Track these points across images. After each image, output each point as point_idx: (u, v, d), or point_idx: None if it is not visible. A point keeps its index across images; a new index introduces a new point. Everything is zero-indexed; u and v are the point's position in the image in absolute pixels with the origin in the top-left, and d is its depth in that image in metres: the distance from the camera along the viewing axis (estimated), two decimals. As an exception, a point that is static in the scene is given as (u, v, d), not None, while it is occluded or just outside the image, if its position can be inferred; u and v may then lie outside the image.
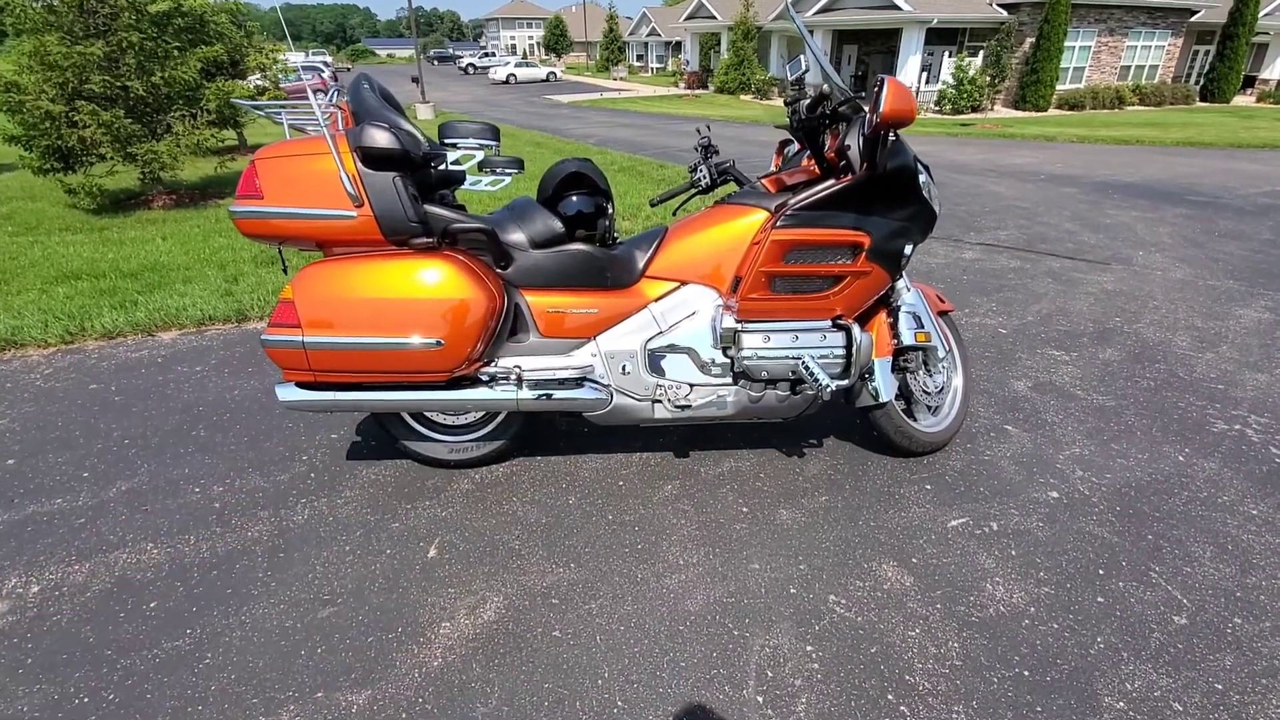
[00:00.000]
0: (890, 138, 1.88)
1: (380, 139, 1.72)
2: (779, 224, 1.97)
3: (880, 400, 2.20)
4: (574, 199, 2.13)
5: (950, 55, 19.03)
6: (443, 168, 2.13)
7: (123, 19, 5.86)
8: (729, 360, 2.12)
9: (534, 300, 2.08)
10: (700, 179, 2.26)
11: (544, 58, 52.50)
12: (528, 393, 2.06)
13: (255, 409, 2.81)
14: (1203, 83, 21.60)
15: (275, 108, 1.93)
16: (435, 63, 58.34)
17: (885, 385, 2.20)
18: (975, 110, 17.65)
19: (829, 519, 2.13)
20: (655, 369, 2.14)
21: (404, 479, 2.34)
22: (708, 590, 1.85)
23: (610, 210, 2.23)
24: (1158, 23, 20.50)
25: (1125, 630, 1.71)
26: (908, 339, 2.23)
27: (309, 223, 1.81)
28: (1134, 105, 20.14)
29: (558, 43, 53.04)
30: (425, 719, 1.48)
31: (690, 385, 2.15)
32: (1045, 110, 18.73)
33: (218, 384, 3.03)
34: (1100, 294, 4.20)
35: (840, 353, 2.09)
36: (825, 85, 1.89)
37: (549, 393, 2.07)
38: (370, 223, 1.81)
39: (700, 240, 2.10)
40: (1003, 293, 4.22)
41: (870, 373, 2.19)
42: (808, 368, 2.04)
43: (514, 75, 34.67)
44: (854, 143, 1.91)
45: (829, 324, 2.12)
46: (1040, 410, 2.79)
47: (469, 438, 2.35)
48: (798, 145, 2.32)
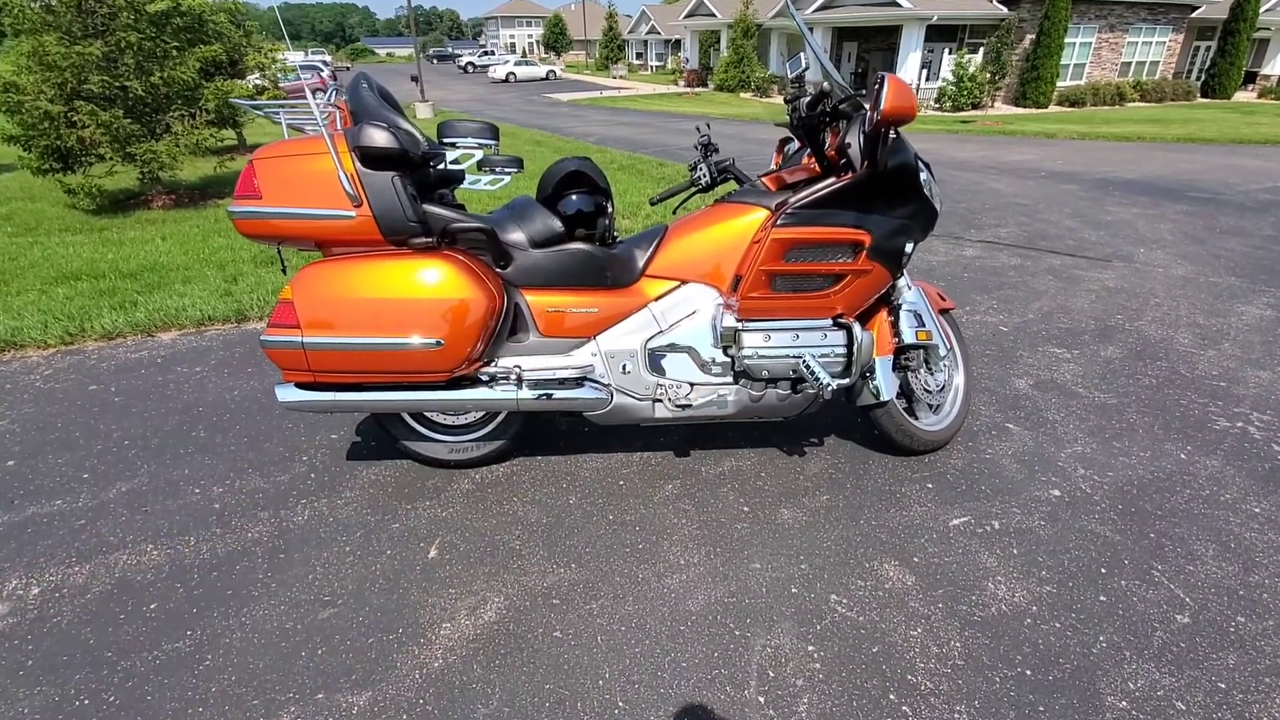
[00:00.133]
0: (891, 135, 1.87)
1: (379, 138, 1.72)
2: (779, 222, 1.97)
3: (881, 399, 2.19)
4: (574, 198, 2.13)
5: (950, 52, 19.00)
6: (442, 167, 2.13)
7: (121, 19, 5.85)
8: (729, 359, 2.11)
9: (534, 300, 2.07)
10: (700, 177, 2.25)
11: (543, 56, 52.42)
12: (528, 392, 2.05)
13: (255, 409, 2.81)
14: (1204, 79, 21.55)
15: (274, 107, 1.92)
16: (434, 61, 58.31)
17: (886, 384, 2.19)
18: (975, 107, 17.63)
19: (830, 518, 2.13)
20: (656, 368, 2.14)
21: (404, 479, 2.34)
22: (709, 590, 1.85)
23: (610, 209, 2.22)
24: (1159, 19, 20.46)
25: (1128, 629, 1.70)
26: (909, 337, 2.22)
27: (308, 223, 1.80)
28: (1135, 102, 20.11)
29: (557, 41, 52.94)
30: (426, 720, 1.48)
31: (691, 384, 2.14)
32: (1046, 107, 18.70)
33: (217, 384, 3.03)
34: (1101, 291, 4.19)
35: (841, 351, 2.09)
36: (825, 83, 1.88)
37: (549, 392, 2.06)
38: (369, 223, 1.80)
39: (700, 239, 2.09)
40: (1003, 290, 4.21)
41: (871, 371, 2.19)
42: (808, 366, 2.03)
43: (513, 74, 34.64)
44: (854, 140, 1.90)
45: (830, 323, 2.11)
46: (1042, 408, 2.78)
47: (469, 438, 2.34)
48: (798, 143, 2.31)
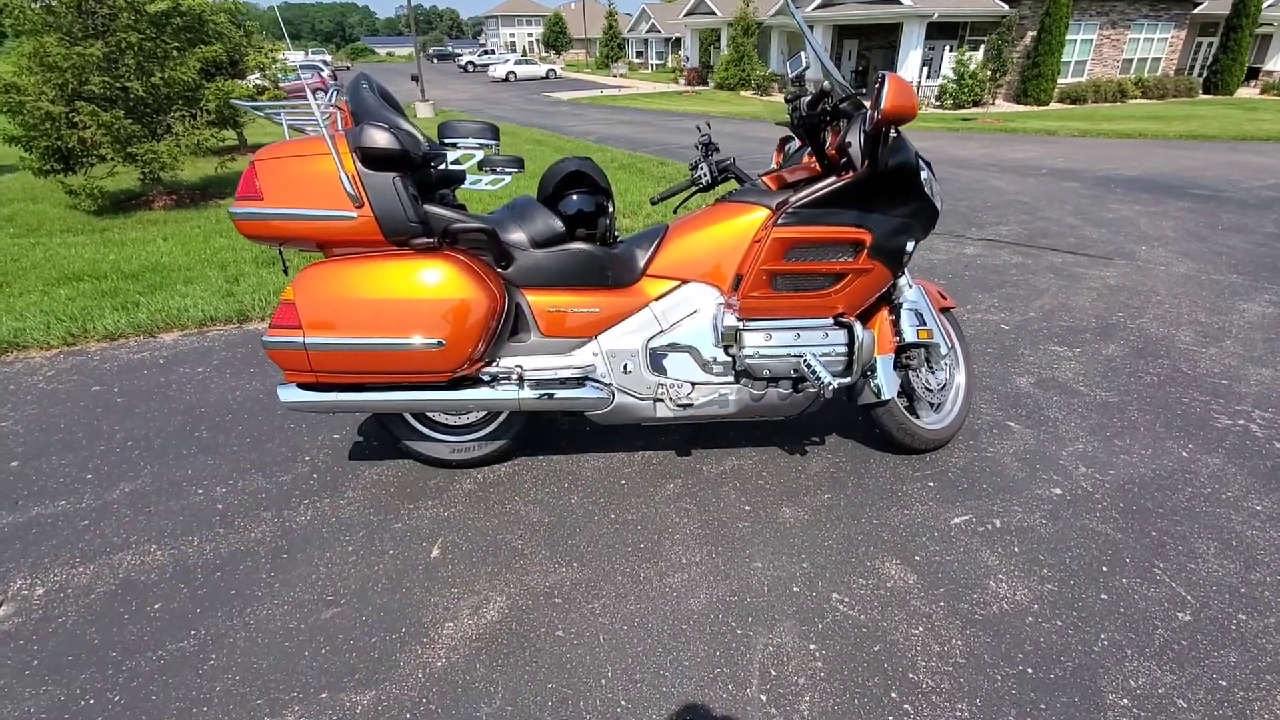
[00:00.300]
0: (891, 134, 1.87)
1: (380, 139, 1.72)
2: (780, 222, 1.97)
3: (882, 398, 2.19)
4: (574, 198, 2.13)
5: (951, 49, 18.97)
6: (443, 167, 2.13)
7: (121, 19, 5.85)
8: (731, 358, 2.12)
9: (535, 300, 2.08)
10: (701, 177, 2.25)
11: (543, 55, 52.37)
12: (529, 392, 2.06)
13: (257, 410, 2.81)
14: (1206, 75, 21.45)
15: (274, 108, 1.92)
16: (435, 61, 58.31)
17: (887, 382, 2.19)
18: (976, 105, 17.59)
19: (831, 517, 2.13)
20: (657, 368, 2.14)
21: (406, 479, 2.34)
22: (710, 589, 1.85)
23: (611, 209, 2.22)
24: (1160, 15, 20.40)
25: (1129, 627, 1.71)
26: (910, 336, 2.22)
27: (309, 223, 1.80)
28: (1136, 98, 20.06)
29: (557, 40, 52.89)
30: (429, 719, 1.49)
31: (692, 384, 2.14)
32: (1047, 104, 18.67)
33: (220, 385, 3.03)
34: (1103, 289, 4.19)
35: (842, 350, 2.09)
36: (826, 82, 1.88)
37: (551, 392, 2.07)
38: (370, 223, 1.80)
39: (701, 238, 2.09)
40: (1005, 288, 4.21)
41: (872, 370, 2.19)
42: (810, 365, 2.03)
43: (513, 73, 34.66)
44: (855, 139, 1.90)
45: (831, 322, 2.12)
46: (1043, 406, 2.78)
47: (471, 437, 2.35)
48: (799, 142, 2.31)
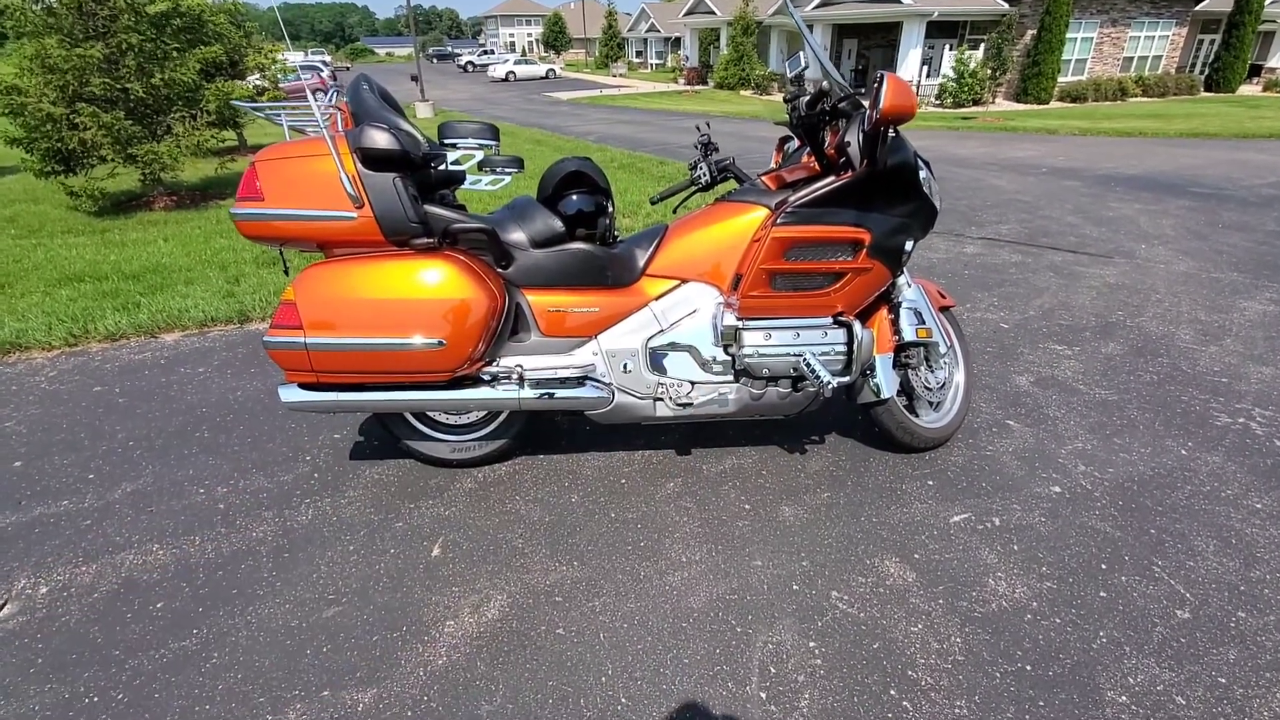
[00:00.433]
0: (890, 134, 1.88)
1: (380, 140, 1.73)
2: (779, 221, 1.97)
3: (882, 396, 2.20)
4: (574, 198, 2.13)
5: (951, 48, 18.96)
6: (443, 168, 2.13)
7: (122, 20, 5.87)
8: (730, 358, 2.12)
9: (535, 299, 2.08)
10: (700, 176, 2.26)
11: (543, 55, 52.37)
12: (529, 392, 2.06)
13: (258, 410, 2.82)
14: (1207, 73, 21.35)
15: (274, 109, 1.93)
16: (434, 61, 58.33)
17: (887, 381, 2.19)
18: (976, 103, 17.59)
19: (831, 515, 2.13)
20: (657, 367, 2.15)
21: (407, 478, 2.35)
22: (710, 587, 1.86)
23: (610, 209, 2.23)
24: (1161, 12, 20.35)
25: (1128, 624, 1.71)
26: (909, 335, 2.23)
27: (309, 224, 1.81)
28: (1137, 97, 20.03)
29: (557, 40, 52.88)
30: (430, 717, 1.50)
31: (692, 383, 2.15)
32: (1047, 103, 18.65)
33: (220, 385, 3.04)
34: (1103, 288, 4.19)
35: (841, 349, 2.09)
36: (824, 82, 1.89)
37: (551, 392, 2.07)
38: (371, 224, 1.81)
39: (700, 238, 2.10)
40: (1004, 287, 4.21)
41: (872, 369, 2.19)
42: (809, 365, 2.04)
43: (513, 73, 34.66)
44: (854, 139, 1.91)
45: (830, 321, 2.12)
46: (1042, 405, 2.78)
47: (471, 437, 2.35)
48: (798, 142, 2.32)
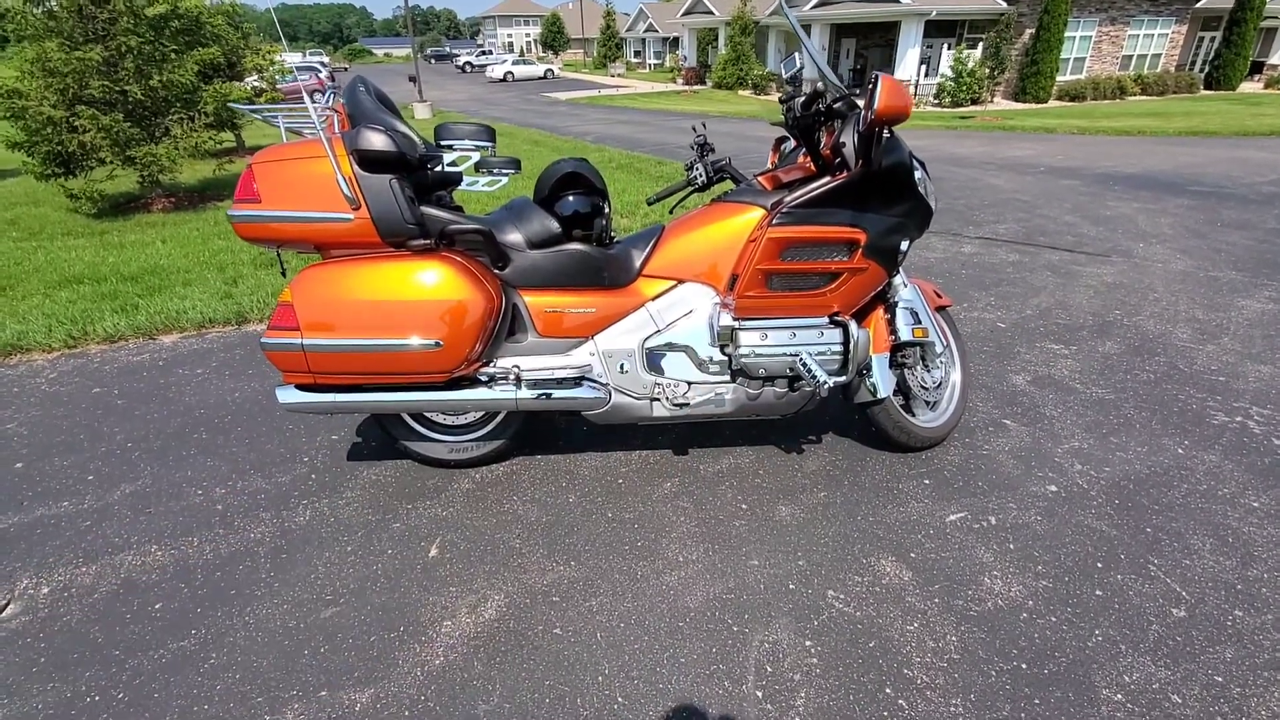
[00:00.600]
0: (885, 134, 1.88)
1: (376, 141, 1.73)
2: (775, 221, 1.98)
3: (878, 396, 2.20)
4: (570, 199, 2.14)
5: (949, 47, 18.97)
6: (439, 169, 2.14)
7: (121, 23, 5.88)
8: (727, 358, 2.13)
9: (532, 300, 2.09)
10: (697, 177, 2.26)
11: (541, 55, 52.37)
12: (527, 392, 2.07)
13: (256, 411, 2.83)
14: (1207, 70, 21.26)
15: (271, 111, 1.93)
16: (432, 61, 58.32)
17: (883, 381, 2.20)
18: (975, 103, 17.59)
19: (828, 515, 2.14)
20: (653, 367, 2.15)
21: (404, 479, 2.36)
22: (707, 587, 1.86)
23: (607, 210, 2.23)
24: (1161, 10, 20.32)
25: (1123, 623, 1.72)
26: (905, 335, 2.23)
27: (306, 226, 1.82)
28: (1136, 95, 20.02)
29: (555, 40, 52.89)
30: (428, 717, 1.50)
31: (688, 383, 2.15)
32: (1045, 102, 18.65)
33: (218, 387, 3.05)
34: (1100, 287, 4.19)
35: (837, 349, 2.10)
36: (820, 82, 1.89)
37: (548, 392, 2.08)
38: (367, 225, 1.82)
39: (697, 238, 2.11)
40: (1001, 287, 4.22)
41: (868, 369, 2.19)
42: (805, 364, 2.04)
43: (511, 73, 34.65)
44: (849, 140, 1.91)
45: (826, 321, 2.13)
46: (1039, 404, 2.79)
47: (469, 437, 2.36)
48: (794, 142, 2.32)
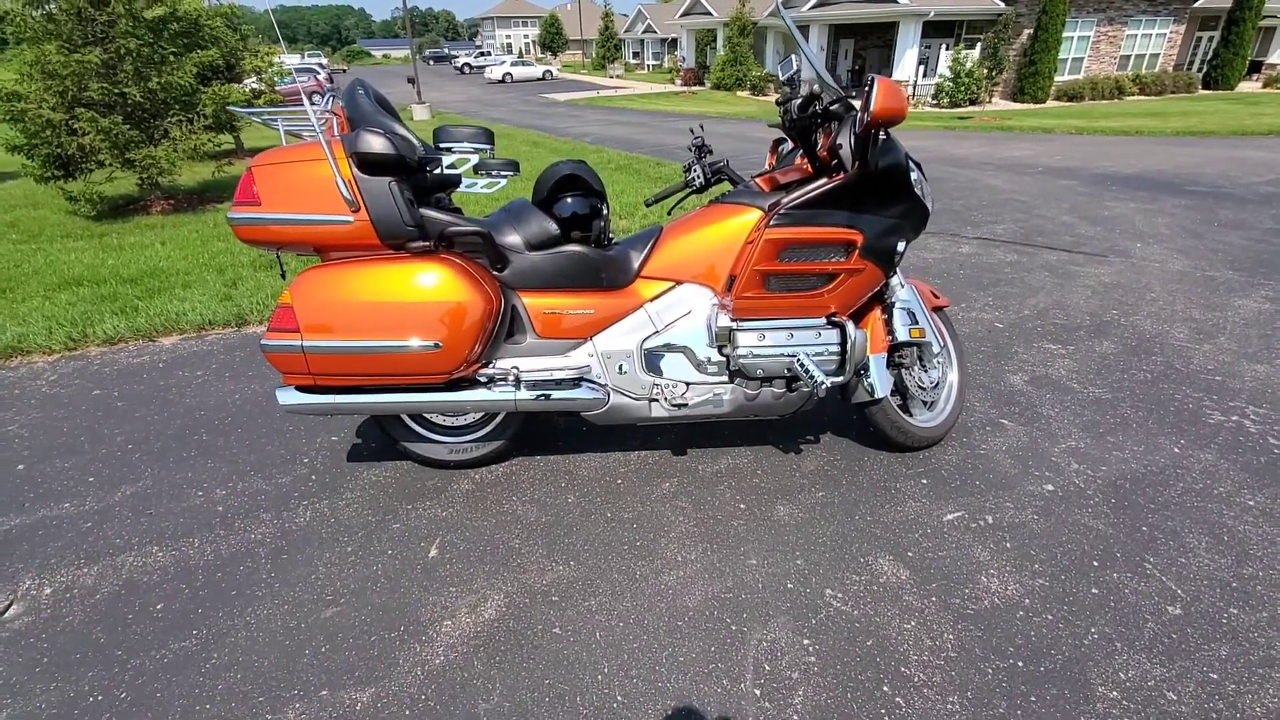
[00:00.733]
0: (881, 136, 1.89)
1: (375, 144, 1.74)
2: (772, 223, 1.99)
3: (876, 396, 2.21)
4: (569, 200, 2.15)
5: (947, 48, 18.99)
6: (438, 171, 2.15)
7: (120, 25, 5.88)
8: (725, 359, 2.14)
9: (531, 302, 2.10)
10: (694, 179, 2.27)
11: (540, 56, 52.39)
12: (526, 393, 2.08)
13: (256, 413, 2.83)
14: (1206, 70, 21.25)
15: (271, 114, 1.94)
16: (431, 63, 58.34)
17: (880, 381, 2.21)
18: (973, 103, 17.61)
19: (826, 514, 2.15)
20: (652, 368, 2.16)
21: (404, 480, 2.37)
22: (706, 586, 1.87)
23: (605, 211, 2.24)
24: (1159, 10, 20.35)
25: (1119, 621, 1.73)
26: (902, 335, 2.25)
27: (306, 228, 1.83)
28: (1134, 95, 20.06)
29: (553, 41, 52.92)
30: (428, 716, 1.51)
31: (686, 384, 2.16)
32: (1044, 102, 18.68)
33: (218, 388, 3.06)
34: (1097, 287, 4.20)
35: (835, 350, 2.11)
36: (816, 84, 1.90)
37: (547, 393, 2.09)
38: (367, 227, 1.83)
39: (694, 240, 2.12)
40: (999, 287, 4.23)
41: (865, 369, 2.21)
42: (803, 365, 2.05)
43: (510, 74, 34.68)
44: (846, 141, 1.93)
45: (824, 321, 2.14)
46: (1036, 404, 2.80)
47: (468, 438, 2.37)
48: (791, 144, 2.33)
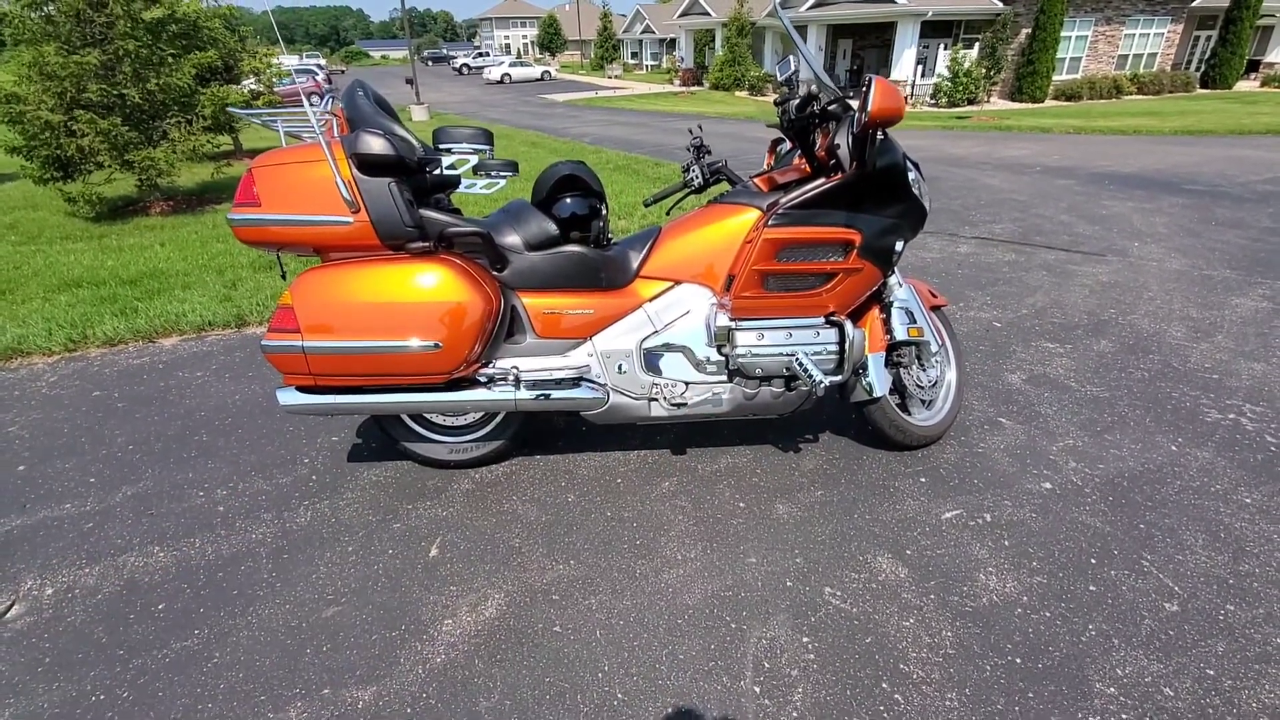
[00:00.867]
0: (879, 136, 1.90)
1: (375, 145, 1.75)
2: (771, 223, 2.00)
3: (874, 395, 2.22)
4: (568, 201, 2.15)
5: (946, 48, 19.00)
6: (437, 172, 2.16)
7: (118, 27, 5.88)
8: (724, 358, 2.14)
9: (530, 302, 2.11)
10: (693, 179, 2.28)
11: (538, 57, 52.40)
12: (525, 393, 2.09)
13: (256, 413, 2.84)
14: (1204, 69, 21.26)
15: (270, 116, 1.95)
16: (429, 63, 58.33)
17: (879, 380, 2.22)
18: (971, 103, 17.61)
19: (825, 513, 2.16)
20: (651, 368, 2.17)
21: (404, 480, 2.37)
22: (705, 584, 1.88)
23: (604, 211, 2.25)
24: (1157, 9, 20.38)
25: (1116, 618, 1.74)
26: (900, 334, 2.25)
27: (306, 229, 1.83)
28: (1132, 94, 20.08)
29: (552, 42, 52.95)
30: (429, 714, 1.52)
31: (686, 383, 2.17)
32: (1042, 101, 18.70)
33: (219, 389, 3.06)
34: (1095, 286, 4.22)
35: (833, 349, 2.12)
36: (814, 85, 1.91)
37: (546, 393, 2.10)
38: (367, 228, 1.83)
39: (693, 240, 2.12)
40: (997, 286, 4.24)
41: (864, 368, 2.21)
42: (801, 364, 2.06)
43: (508, 75, 34.68)
44: (843, 141, 1.94)
45: (822, 321, 2.15)
46: (1034, 402, 2.81)
47: (468, 438, 2.37)
48: (790, 144, 2.34)
